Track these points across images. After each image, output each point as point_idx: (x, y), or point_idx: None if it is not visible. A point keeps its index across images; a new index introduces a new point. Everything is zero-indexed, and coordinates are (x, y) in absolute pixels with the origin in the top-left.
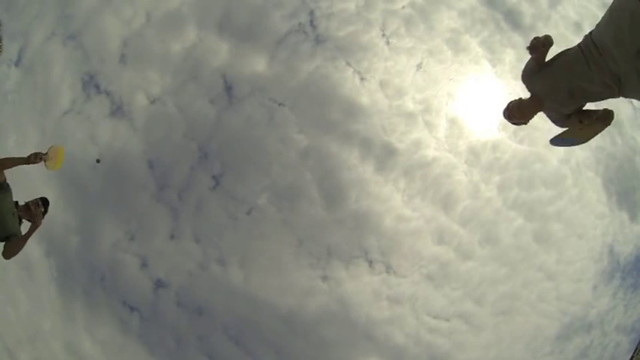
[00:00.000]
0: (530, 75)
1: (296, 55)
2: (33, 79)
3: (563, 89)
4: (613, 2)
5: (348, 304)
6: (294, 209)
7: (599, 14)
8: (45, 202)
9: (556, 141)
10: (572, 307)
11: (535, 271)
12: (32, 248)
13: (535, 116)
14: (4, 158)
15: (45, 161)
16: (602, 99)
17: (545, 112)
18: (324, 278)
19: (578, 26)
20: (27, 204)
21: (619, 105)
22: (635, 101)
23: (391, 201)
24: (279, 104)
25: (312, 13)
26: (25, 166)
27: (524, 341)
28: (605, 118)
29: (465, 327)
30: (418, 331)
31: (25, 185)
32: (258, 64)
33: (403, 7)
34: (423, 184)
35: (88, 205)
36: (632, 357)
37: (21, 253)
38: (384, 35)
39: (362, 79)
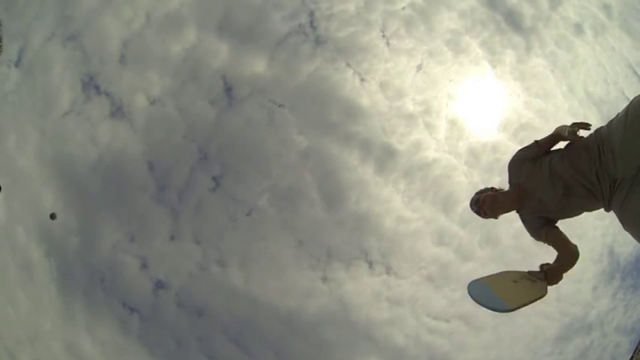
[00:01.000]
0: (523, 162)
1: (296, 56)
2: (33, 79)
3: (558, 183)
4: (631, 104)
5: (348, 305)
6: (294, 210)
7: (600, 15)
8: None
9: (474, 289)
10: (572, 308)
11: None
12: (32, 249)
13: (506, 213)
14: None
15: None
16: (587, 209)
17: (521, 214)
18: (324, 279)
19: (578, 27)
20: None
21: (619, 106)
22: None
23: (391, 202)
24: (279, 105)
25: (312, 14)
26: (25, 166)
27: (524, 342)
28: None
29: (464, 328)
30: (418, 332)
31: (25, 186)
32: (258, 66)
33: (403, 8)
34: (423, 185)
35: (88, 206)
36: (632, 357)
37: (21, 254)
38: (384, 36)
39: (362, 80)
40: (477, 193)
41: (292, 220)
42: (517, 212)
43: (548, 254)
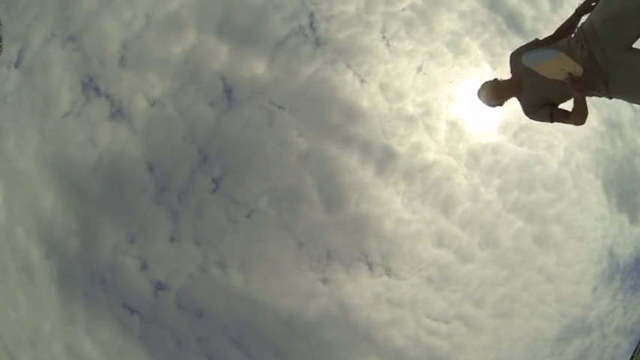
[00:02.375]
0: (521, 53)
1: (296, 57)
2: (32, 80)
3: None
4: None
5: (348, 307)
6: (294, 212)
7: None
8: None
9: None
10: (572, 309)
11: (535, 274)
12: (32, 250)
13: (509, 100)
14: None
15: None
16: (589, 94)
17: (520, 98)
18: (324, 281)
19: None
20: None
21: (619, 107)
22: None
23: (391, 204)
24: (279, 107)
25: (312, 15)
26: (24, 167)
27: (524, 343)
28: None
29: (464, 329)
30: (418, 333)
31: (24, 187)
32: (258, 67)
33: (403, 10)
34: (422, 187)
35: (89, 208)
36: (632, 358)
37: (21, 255)
38: (384, 38)
39: (362, 82)
40: (482, 83)
41: (292, 221)
42: (517, 98)
43: (547, 256)
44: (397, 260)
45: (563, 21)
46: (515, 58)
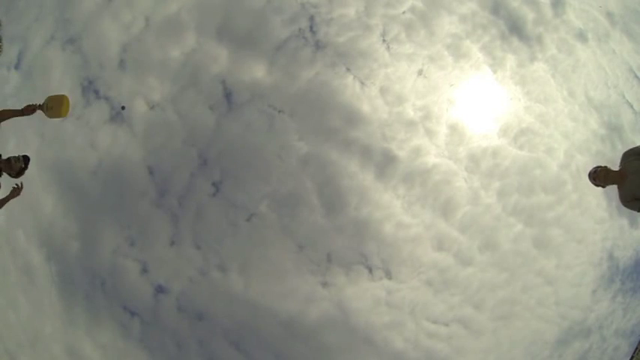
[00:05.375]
0: (630, 155)
1: (296, 61)
2: (32, 83)
3: None
4: None
5: (348, 310)
6: (294, 216)
7: (601, 19)
8: (26, 159)
9: None
10: (572, 312)
11: (534, 276)
12: (33, 253)
13: (611, 185)
14: None
15: (45, 111)
16: None
17: (620, 188)
18: (325, 284)
19: (580, 31)
20: (9, 158)
21: (619, 110)
22: (635, 105)
23: (391, 208)
24: (279, 111)
25: (311, 18)
26: (26, 169)
27: (524, 346)
28: None
29: (464, 332)
30: (417, 336)
31: (25, 190)
32: (258, 71)
33: (404, 13)
34: (422, 191)
35: (89, 211)
36: (631, 359)
37: (22, 258)
38: (384, 41)
39: (362, 85)
40: (595, 167)
41: (292, 225)
42: (617, 186)
43: (547, 259)
44: (397, 263)
45: None
46: (629, 156)
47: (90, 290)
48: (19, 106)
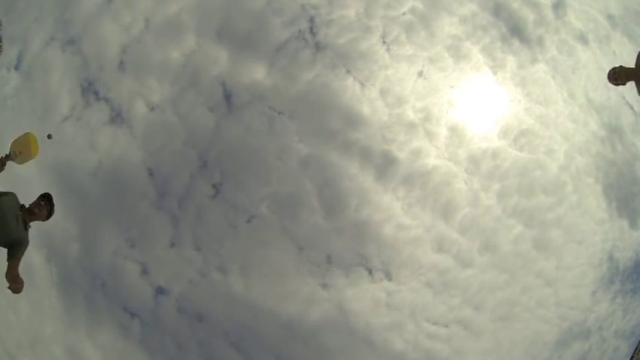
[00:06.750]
0: None
1: (296, 62)
2: (32, 84)
3: None
4: None
5: (348, 311)
6: (294, 218)
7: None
8: (46, 198)
9: None
10: (571, 313)
11: (534, 278)
12: (33, 255)
13: (631, 81)
14: None
15: (14, 159)
16: None
17: (638, 83)
18: (325, 286)
19: (580, 33)
20: (29, 207)
21: (619, 111)
22: (635, 107)
23: (391, 209)
24: (279, 113)
25: (311, 19)
26: (24, 171)
27: (523, 347)
28: None
29: (463, 333)
30: (417, 337)
31: (24, 190)
32: (258, 72)
33: (404, 14)
34: (422, 192)
35: (89, 212)
36: (632, 359)
37: (22, 259)
38: (384, 42)
39: (362, 87)
40: (612, 68)
41: (292, 227)
42: (635, 82)
43: (546, 260)
44: (397, 265)
45: None
46: None
47: (90, 291)
48: (19, 107)
